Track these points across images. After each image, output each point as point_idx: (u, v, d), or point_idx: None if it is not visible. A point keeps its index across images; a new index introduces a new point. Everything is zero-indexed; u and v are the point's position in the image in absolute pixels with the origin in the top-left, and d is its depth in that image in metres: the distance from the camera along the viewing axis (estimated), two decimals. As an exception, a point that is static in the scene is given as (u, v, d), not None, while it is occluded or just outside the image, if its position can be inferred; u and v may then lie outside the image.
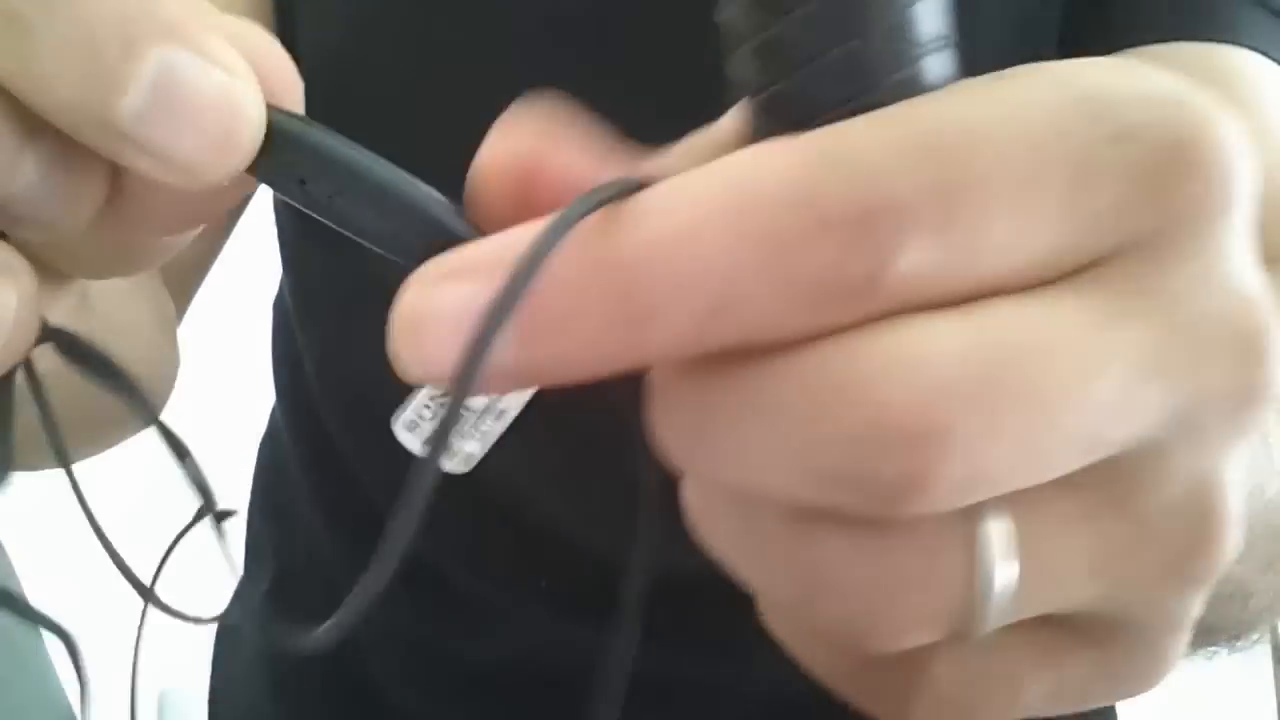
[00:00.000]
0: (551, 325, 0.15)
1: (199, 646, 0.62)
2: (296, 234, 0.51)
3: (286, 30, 0.50)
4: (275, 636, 0.21)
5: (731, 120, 0.18)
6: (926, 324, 0.15)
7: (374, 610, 0.18)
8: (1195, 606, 0.18)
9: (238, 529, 0.61)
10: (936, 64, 0.17)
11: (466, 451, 0.19)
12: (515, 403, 0.18)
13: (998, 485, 0.16)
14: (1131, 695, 0.19)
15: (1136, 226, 0.16)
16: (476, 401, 0.18)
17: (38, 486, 0.35)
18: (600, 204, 0.15)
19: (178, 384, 0.46)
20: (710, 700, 0.51)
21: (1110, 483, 0.17)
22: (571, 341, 0.15)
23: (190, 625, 0.20)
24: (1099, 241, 0.16)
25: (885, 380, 0.15)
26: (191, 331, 0.50)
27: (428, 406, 0.19)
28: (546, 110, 0.18)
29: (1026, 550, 0.16)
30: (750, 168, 0.15)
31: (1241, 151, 0.16)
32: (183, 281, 0.49)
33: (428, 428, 0.18)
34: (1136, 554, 0.17)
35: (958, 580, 0.16)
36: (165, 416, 0.22)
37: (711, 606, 0.48)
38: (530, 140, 0.18)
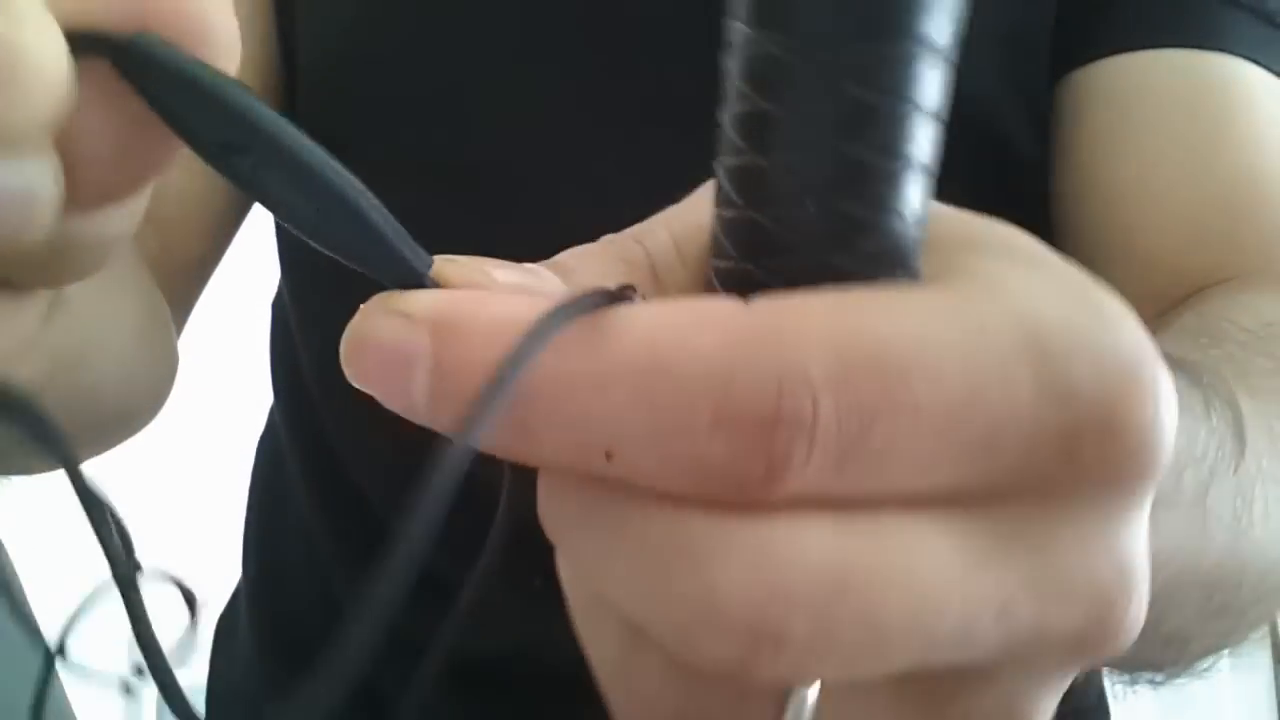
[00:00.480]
0: (455, 399, 0.16)
1: (199, 645, 0.62)
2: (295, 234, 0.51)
3: (286, 32, 0.50)
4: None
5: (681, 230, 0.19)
6: (798, 524, 0.15)
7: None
8: None
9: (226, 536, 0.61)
10: (903, 248, 0.16)
11: None
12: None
13: (816, 678, 0.16)
14: None
15: (1042, 479, 0.16)
16: None
17: (38, 487, 0.35)
18: (577, 314, 0.16)
19: (177, 382, 0.46)
20: None
21: (928, 684, 0.17)
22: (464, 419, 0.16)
23: (190, 624, 0.20)
24: (1001, 483, 0.16)
25: (740, 569, 0.15)
26: (191, 331, 0.50)
27: None
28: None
29: (830, 716, 0.17)
30: (678, 340, 0.15)
31: (1168, 436, 0.16)
32: (183, 287, 0.49)
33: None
34: None
35: None
36: (165, 414, 0.22)
37: None
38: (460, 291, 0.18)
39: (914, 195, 0.16)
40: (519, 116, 0.47)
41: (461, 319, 0.16)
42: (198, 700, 0.63)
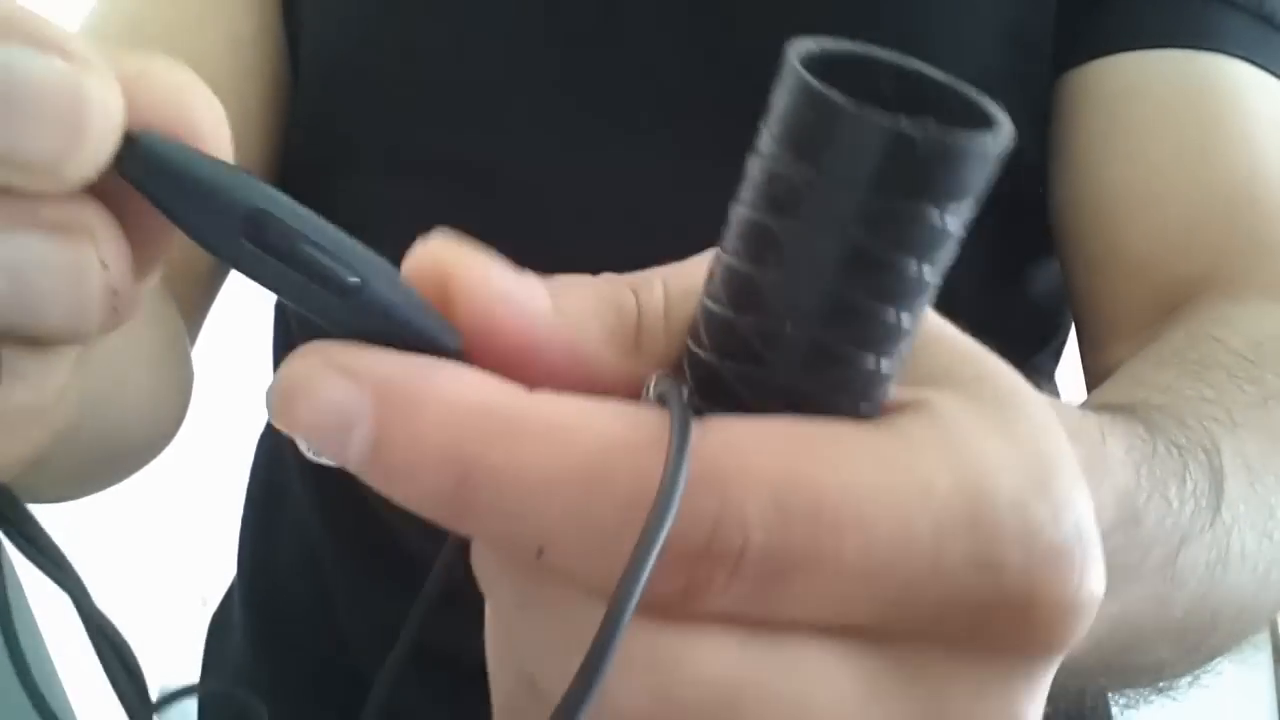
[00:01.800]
0: (393, 467, 0.16)
1: (193, 646, 0.62)
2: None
3: (292, 35, 0.50)
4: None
5: (675, 290, 0.19)
6: (704, 639, 0.15)
7: (365, 601, 0.19)
8: None
9: (230, 531, 0.61)
10: (875, 380, 0.16)
11: None
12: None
13: None
14: None
15: (952, 634, 0.16)
16: None
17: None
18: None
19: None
20: None
21: None
22: (405, 488, 0.16)
23: (190, 622, 0.20)
24: (911, 628, 0.16)
25: (637, 673, 0.15)
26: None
27: None
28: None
29: None
30: (627, 460, 0.15)
31: (1084, 620, 0.16)
32: (199, 296, 0.49)
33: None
34: None
35: None
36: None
37: None
38: (462, 266, 0.18)
39: (895, 343, 0.16)
40: (519, 116, 0.47)
41: (411, 394, 0.16)
42: (190, 698, 0.63)
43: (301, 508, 0.56)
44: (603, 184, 0.45)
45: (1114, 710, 0.56)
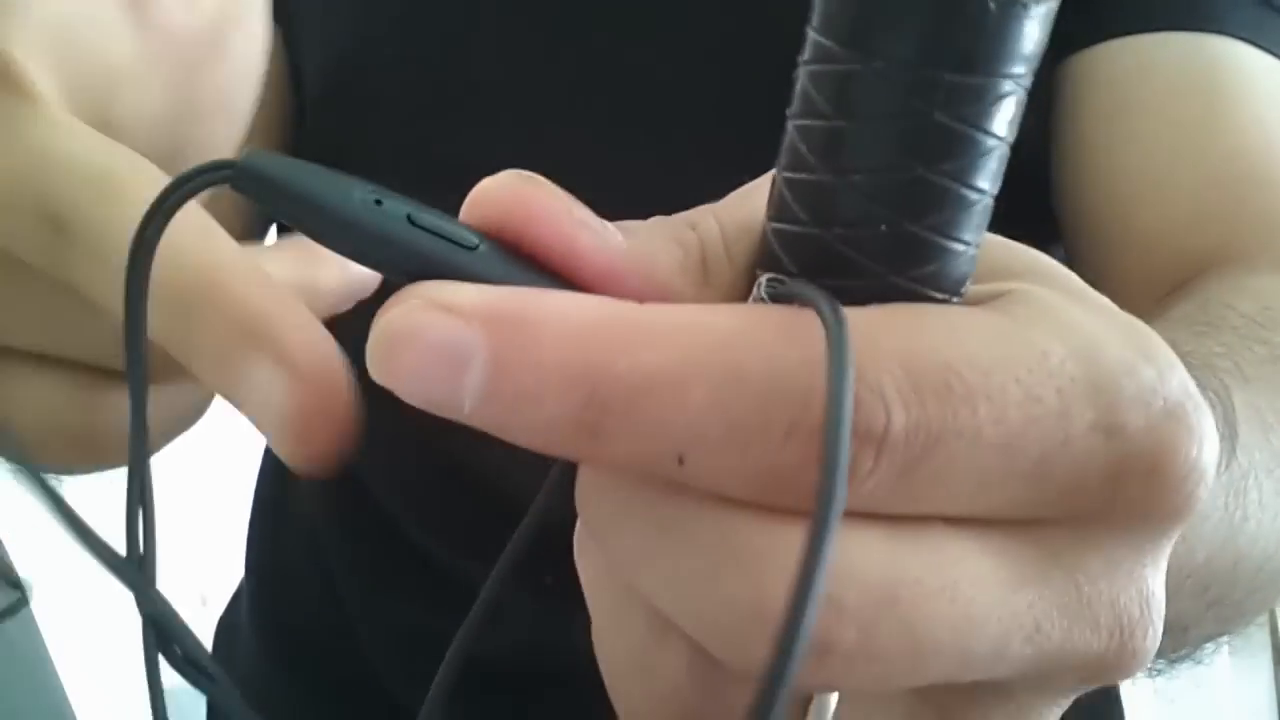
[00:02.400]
0: (516, 400, 0.15)
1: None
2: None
3: (291, 48, 0.50)
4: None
5: (731, 219, 0.19)
6: (854, 536, 0.15)
7: (376, 602, 0.19)
8: None
9: (239, 527, 0.61)
10: (964, 267, 0.17)
11: None
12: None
13: (852, 689, 0.16)
14: None
15: (1083, 507, 0.16)
16: None
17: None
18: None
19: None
20: None
21: (943, 699, 0.17)
22: (526, 420, 0.16)
23: (192, 621, 0.20)
24: (1041, 510, 0.16)
25: (789, 579, 0.15)
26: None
27: None
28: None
29: None
30: (760, 350, 0.15)
31: (1206, 481, 0.16)
32: None
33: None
34: None
35: None
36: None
37: None
38: (541, 196, 0.18)
39: (979, 223, 0.16)
40: (519, 118, 0.47)
41: (524, 318, 0.15)
42: (199, 702, 0.63)
43: (310, 509, 0.56)
44: (605, 183, 0.45)
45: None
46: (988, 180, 0.16)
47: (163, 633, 0.19)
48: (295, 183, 0.17)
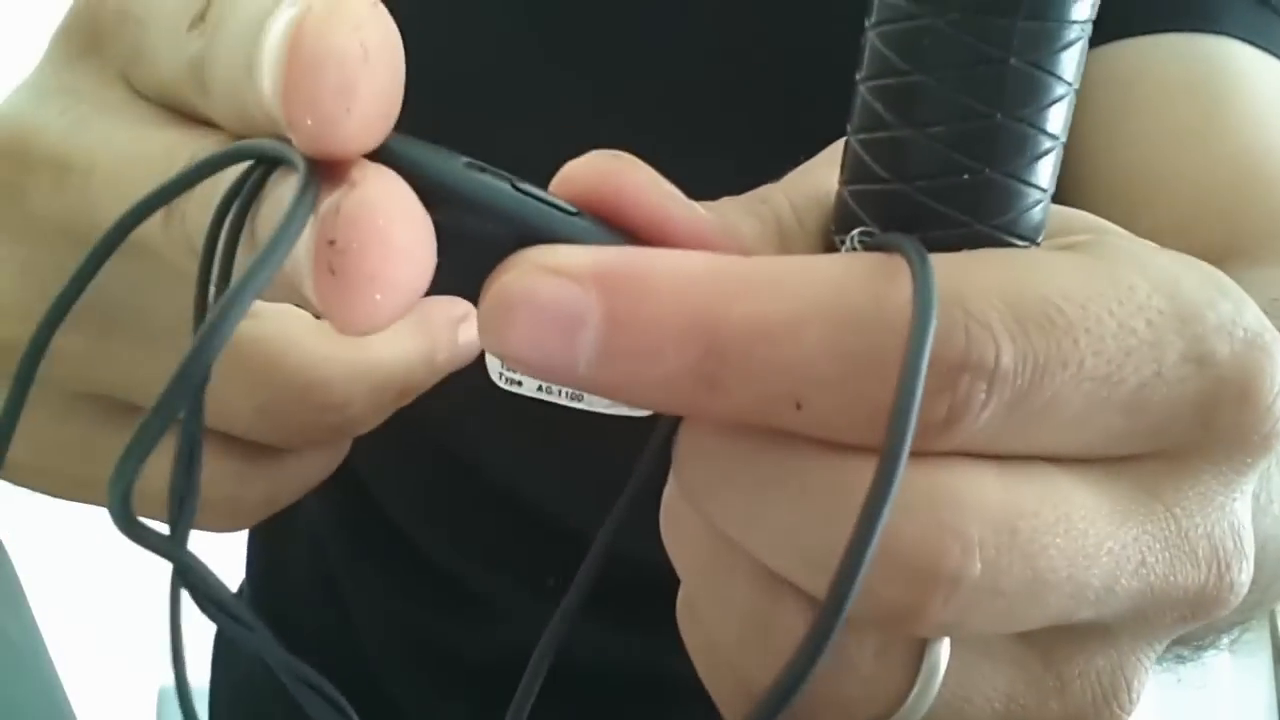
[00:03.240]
0: (631, 356, 0.15)
1: (199, 644, 0.62)
2: None
3: None
4: None
5: (800, 191, 0.19)
6: (970, 472, 0.16)
7: (377, 605, 0.18)
8: None
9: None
10: (1040, 214, 0.17)
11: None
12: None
13: (971, 631, 0.16)
14: None
15: (1180, 438, 0.17)
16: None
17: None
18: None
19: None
20: (708, 700, 0.51)
21: (1051, 642, 0.18)
22: (645, 377, 0.16)
23: (191, 623, 0.20)
24: (1139, 442, 0.17)
25: (916, 513, 0.15)
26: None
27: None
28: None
29: (958, 676, 0.17)
30: (868, 289, 0.15)
31: None
32: None
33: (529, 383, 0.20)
34: (1043, 707, 0.18)
35: (892, 684, 0.17)
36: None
37: None
38: (628, 171, 0.18)
39: (1054, 169, 0.17)
40: (536, 115, 0.47)
41: (637, 274, 0.15)
42: (200, 702, 0.63)
43: (309, 509, 0.56)
44: None
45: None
46: (1060, 125, 0.17)
47: (190, 581, 0.19)
48: (402, 154, 0.17)
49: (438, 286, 0.17)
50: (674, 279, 0.15)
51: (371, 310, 0.16)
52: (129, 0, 0.21)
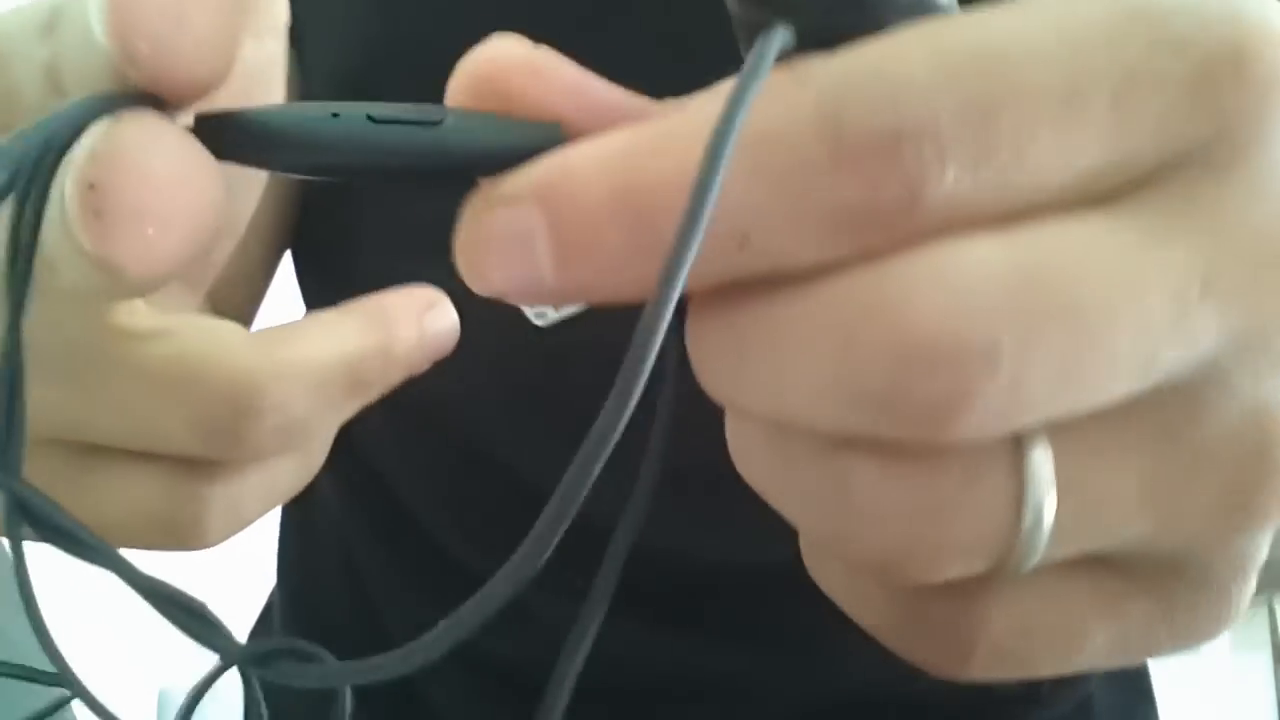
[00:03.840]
0: (579, 250, 0.16)
1: (198, 646, 0.62)
2: (311, 245, 0.51)
3: (302, 64, 0.50)
4: None
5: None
6: (963, 243, 0.15)
7: (408, 607, 0.18)
8: (1259, 546, 0.17)
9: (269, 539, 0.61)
10: None
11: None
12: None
13: (1042, 408, 0.15)
14: (1197, 644, 0.18)
15: (1185, 139, 0.15)
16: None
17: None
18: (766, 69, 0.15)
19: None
20: (738, 699, 0.51)
21: (1163, 410, 0.16)
22: (599, 266, 0.16)
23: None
24: (1146, 156, 0.15)
25: (919, 299, 0.14)
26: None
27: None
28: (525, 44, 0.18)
29: (1072, 480, 0.16)
30: (766, 98, 0.15)
31: None
32: (242, 315, 0.50)
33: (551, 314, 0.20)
34: (1189, 486, 0.16)
35: (999, 509, 0.16)
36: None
37: (734, 600, 0.48)
38: (534, 56, 0.18)
39: None
40: None
41: (559, 174, 0.16)
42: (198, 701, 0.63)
43: (338, 520, 0.56)
44: None
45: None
46: None
47: (29, 513, 0.19)
48: (253, 123, 0.16)
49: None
50: (594, 163, 0.15)
51: (147, 247, 0.16)
52: None
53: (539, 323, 0.20)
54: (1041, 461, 0.16)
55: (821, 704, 0.50)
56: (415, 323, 0.25)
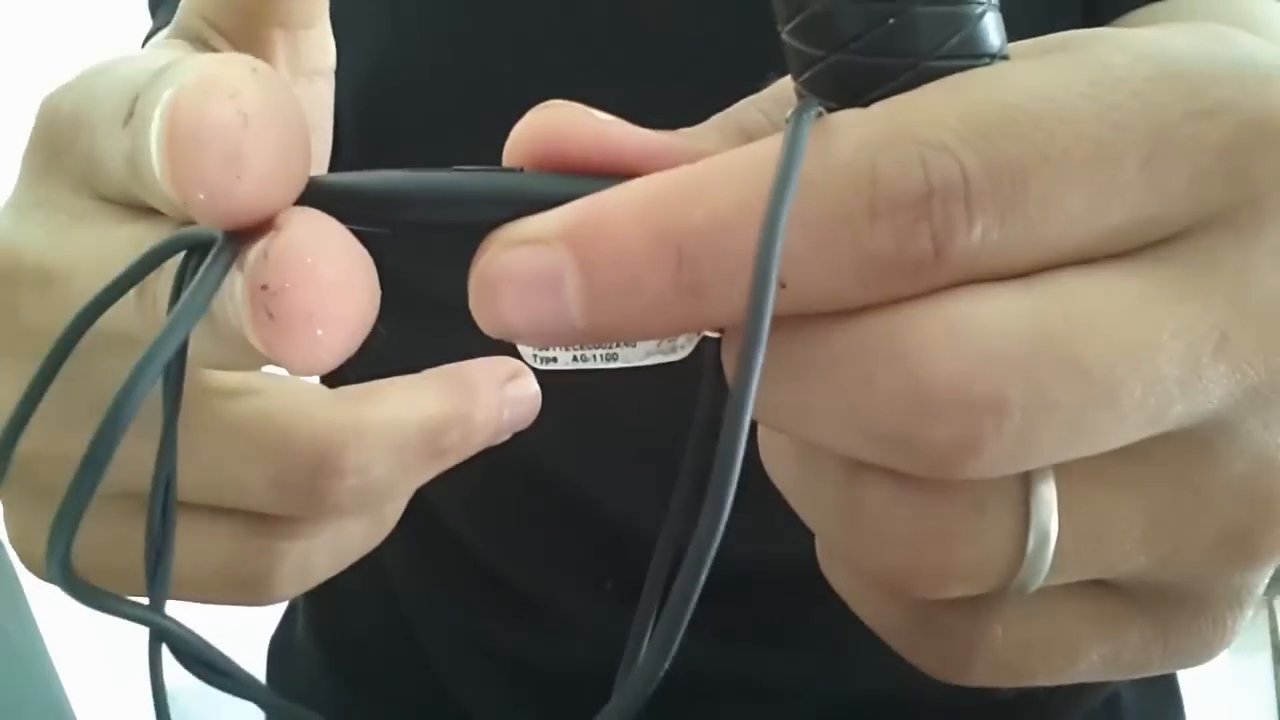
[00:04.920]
0: (615, 293, 0.16)
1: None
2: None
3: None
4: None
5: (768, 97, 0.19)
6: (984, 295, 0.15)
7: (434, 610, 0.18)
8: (1259, 579, 0.18)
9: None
10: (990, 26, 0.16)
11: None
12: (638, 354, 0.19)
13: (1051, 455, 0.15)
14: (1190, 665, 0.19)
15: (1211, 202, 0.15)
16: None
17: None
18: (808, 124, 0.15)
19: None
20: (758, 700, 0.51)
21: (1171, 453, 0.16)
22: (634, 308, 0.16)
23: (197, 624, 0.20)
24: (1172, 216, 0.15)
25: (938, 347, 0.15)
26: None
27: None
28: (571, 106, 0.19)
29: (1077, 513, 0.16)
30: (813, 155, 0.15)
31: None
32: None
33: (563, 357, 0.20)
34: (1193, 525, 0.17)
35: (1004, 538, 0.16)
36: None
37: (765, 603, 0.48)
38: (561, 114, 0.18)
39: None
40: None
41: (595, 217, 0.16)
42: (199, 702, 0.63)
43: None
44: None
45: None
46: None
47: (172, 644, 0.19)
48: (328, 185, 0.17)
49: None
50: (630, 207, 0.16)
51: (315, 346, 0.16)
52: (81, 109, 0.21)
53: (540, 366, 0.20)
54: (1047, 495, 0.16)
55: (845, 704, 0.50)
56: (497, 391, 0.25)
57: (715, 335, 0.18)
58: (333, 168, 0.52)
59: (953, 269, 0.15)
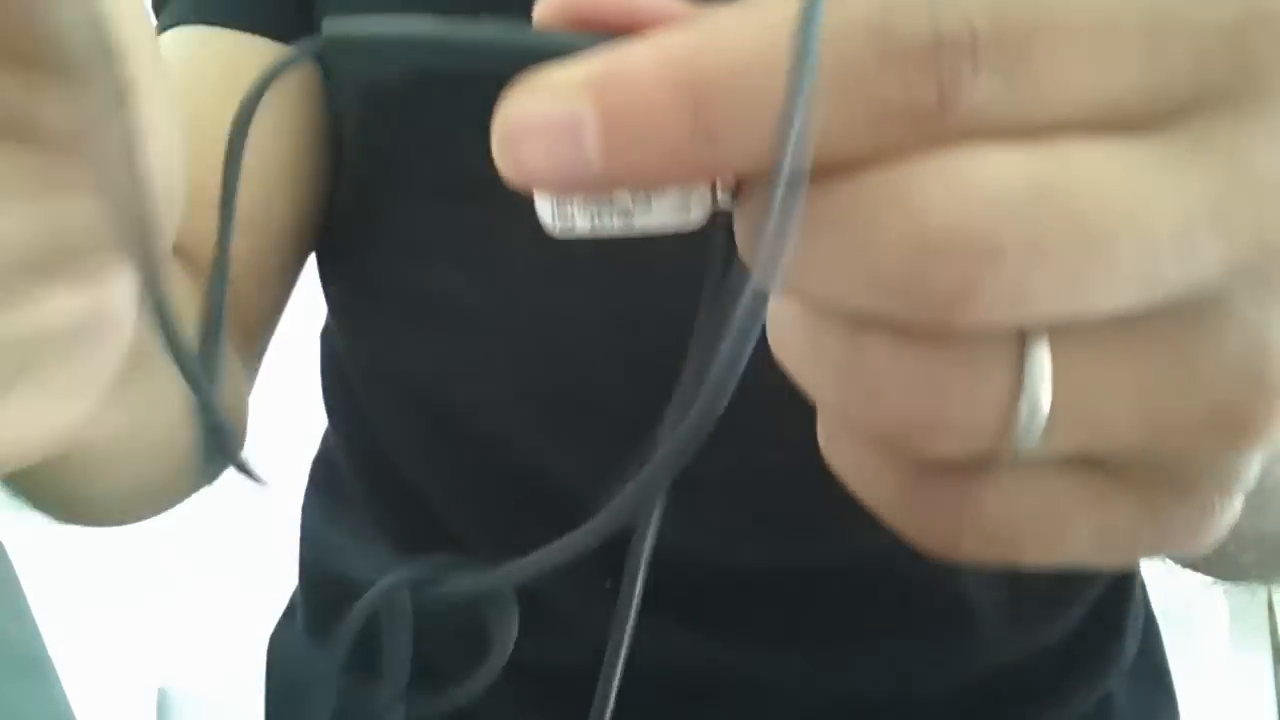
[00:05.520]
0: (632, 138, 0.16)
1: (198, 646, 0.62)
2: (337, 250, 0.51)
3: (332, 85, 0.50)
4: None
5: None
6: (985, 150, 0.16)
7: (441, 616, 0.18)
8: (1247, 466, 0.18)
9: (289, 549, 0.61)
10: None
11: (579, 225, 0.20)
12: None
13: (1043, 307, 0.16)
14: (1180, 551, 0.19)
15: (1214, 82, 0.16)
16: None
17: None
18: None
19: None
20: (758, 699, 0.51)
21: (1164, 326, 0.17)
22: (649, 153, 0.16)
23: (187, 625, 0.20)
24: (1173, 94, 0.16)
25: (939, 194, 0.15)
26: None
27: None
28: None
29: (1070, 380, 0.17)
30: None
31: None
32: (256, 341, 0.49)
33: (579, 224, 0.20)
34: (1183, 402, 0.17)
35: (997, 396, 0.17)
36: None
37: (762, 603, 0.48)
38: None
39: None
40: None
41: (615, 64, 0.16)
42: (199, 704, 0.63)
43: (365, 524, 0.56)
44: None
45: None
46: None
47: (220, 438, 0.21)
48: (376, 34, 0.18)
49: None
50: (651, 56, 0.16)
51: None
52: None
53: (558, 230, 0.20)
54: (1041, 357, 0.17)
55: (846, 704, 0.50)
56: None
57: (727, 210, 0.19)
58: (334, 169, 0.52)
59: (957, 123, 0.16)
